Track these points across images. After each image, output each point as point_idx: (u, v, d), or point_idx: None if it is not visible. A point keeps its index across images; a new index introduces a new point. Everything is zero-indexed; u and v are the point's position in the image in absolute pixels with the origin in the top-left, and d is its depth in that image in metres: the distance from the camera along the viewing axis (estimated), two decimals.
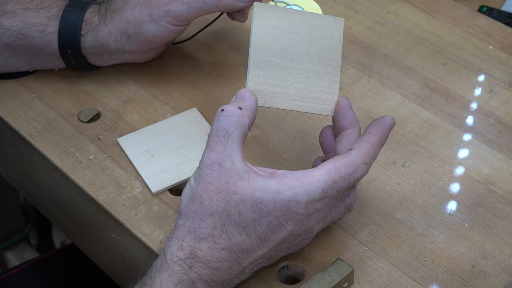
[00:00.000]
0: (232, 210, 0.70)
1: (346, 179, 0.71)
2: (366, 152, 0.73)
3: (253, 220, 0.70)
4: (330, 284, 0.73)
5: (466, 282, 0.75)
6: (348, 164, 0.72)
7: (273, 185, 0.70)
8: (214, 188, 0.70)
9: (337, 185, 0.71)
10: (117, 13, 0.90)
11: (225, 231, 0.70)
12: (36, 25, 0.91)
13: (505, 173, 0.85)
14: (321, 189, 0.70)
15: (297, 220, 0.71)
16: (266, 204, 0.70)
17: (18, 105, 0.94)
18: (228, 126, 0.71)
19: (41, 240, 1.50)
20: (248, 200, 0.70)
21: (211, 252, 0.70)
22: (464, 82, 0.95)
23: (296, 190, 0.70)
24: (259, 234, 0.70)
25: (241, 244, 0.70)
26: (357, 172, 0.72)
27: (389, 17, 1.04)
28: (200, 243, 0.70)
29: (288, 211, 0.70)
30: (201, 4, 0.87)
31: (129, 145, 0.88)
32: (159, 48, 0.95)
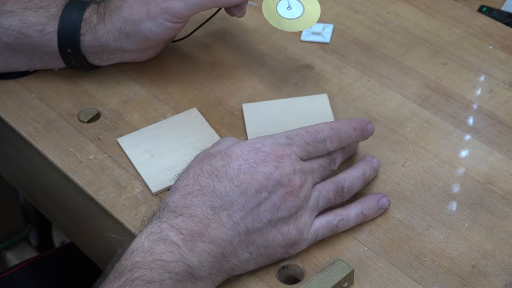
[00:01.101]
0: (204, 165, 0.74)
1: (311, 132, 0.76)
2: (334, 122, 0.79)
3: (222, 165, 0.73)
4: (330, 284, 0.73)
5: (466, 282, 0.75)
6: (313, 125, 0.77)
7: (243, 140, 0.76)
8: (196, 157, 0.77)
9: (303, 136, 0.76)
10: (115, 12, 0.90)
11: (197, 180, 0.73)
12: (35, 24, 0.91)
13: (505, 173, 0.85)
14: (285, 135, 0.76)
15: (266, 161, 0.73)
16: (234, 151, 0.74)
17: (18, 105, 0.93)
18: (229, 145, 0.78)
19: (41, 240, 1.50)
20: (219, 153, 0.74)
21: (182, 200, 0.71)
22: (464, 82, 0.95)
23: (260, 137, 0.76)
24: (230, 177, 0.72)
25: (213, 188, 0.72)
26: (323, 131, 0.77)
27: (389, 17, 1.04)
28: (172, 195, 0.73)
29: (255, 152, 0.73)
30: (198, 0, 0.87)
31: (129, 145, 0.88)
32: (158, 46, 0.95)
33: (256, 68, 0.97)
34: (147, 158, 0.86)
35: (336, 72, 0.96)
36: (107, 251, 0.89)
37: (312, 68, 0.97)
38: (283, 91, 0.94)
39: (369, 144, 0.88)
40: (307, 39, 1.00)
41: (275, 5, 0.90)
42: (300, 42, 1.00)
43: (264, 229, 0.73)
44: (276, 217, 0.74)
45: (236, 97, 0.94)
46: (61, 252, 1.19)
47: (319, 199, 0.77)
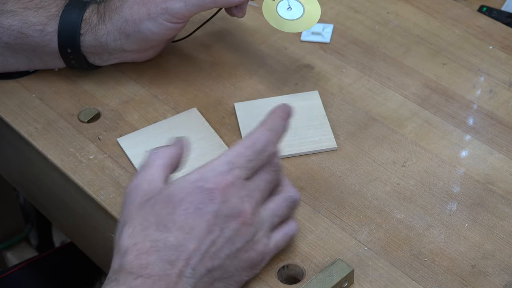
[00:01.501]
0: (147, 214, 0.69)
1: (250, 146, 0.72)
2: (265, 122, 0.74)
3: (168, 213, 0.69)
4: (330, 284, 0.73)
5: (466, 282, 0.75)
6: (248, 136, 0.73)
7: (181, 177, 0.71)
8: (132, 205, 0.71)
9: (243, 154, 0.71)
10: (115, 12, 0.90)
11: (146, 235, 0.68)
12: (35, 24, 0.91)
13: (505, 173, 0.85)
14: (225, 161, 0.71)
15: (213, 198, 0.69)
16: (175, 194, 0.69)
17: (18, 105, 0.93)
18: (147, 161, 0.73)
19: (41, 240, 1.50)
20: (159, 198, 0.70)
21: (137, 260, 0.67)
22: (464, 82, 0.95)
23: (201, 170, 0.70)
24: (180, 225, 0.68)
25: (166, 241, 0.68)
26: (260, 138, 0.72)
27: (389, 17, 1.04)
28: (125, 256, 0.68)
29: (199, 191, 0.69)
30: (198, 1, 0.87)
31: (129, 145, 0.88)
32: (158, 46, 0.95)
33: (256, 68, 0.97)
34: None
35: (336, 72, 0.96)
36: (107, 251, 0.89)
37: (312, 68, 0.97)
38: (283, 91, 0.94)
39: (369, 144, 0.88)
40: (307, 39, 1.00)
41: (275, 6, 0.90)
42: (300, 42, 1.00)
43: (225, 264, 0.71)
44: (233, 250, 0.71)
45: (236, 97, 0.94)
46: (61, 252, 1.19)
47: (273, 218, 0.74)
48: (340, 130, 0.90)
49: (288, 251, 0.78)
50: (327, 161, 0.86)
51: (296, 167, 0.86)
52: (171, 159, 0.73)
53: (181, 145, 0.75)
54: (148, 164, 0.73)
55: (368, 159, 0.87)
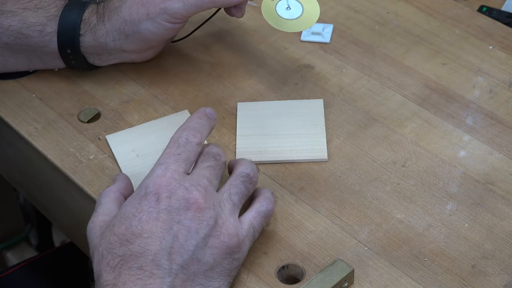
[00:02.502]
0: (110, 237, 0.72)
1: (173, 144, 0.75)
2: (182, 125, 0.78)
3: (126, 228, 0.71)
4: (330, 284, 0.73)
5: (466, 282, 0.75)
6: (171, 139, 0.76)
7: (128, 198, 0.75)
8: (95, 238, 0.74)
9: (169, 152, 0.75)
10: (114, 12, 0.90)
11: (113, 253, 0.71)
12: (35, 24, 0.91)
13: (505, 173, 0.85)
14: (157, 164, 0.74)
15: (158, 198, 0.72)
16: (127, 210, 0.72)
17: (18, 105, 0.93)
18: (99, 200, 0.77)
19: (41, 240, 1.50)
20: (116, 221, 0.72)
21: (112, 274, 0.70)
22: (464, 82, 0.95)
23: (142, 183, 0.74)
24: (138, 234, 0.71)
25: (129, 252, 0.70)
26: (180, 134, 0.76)
27: (389, 17, 1.04)
28: (100, 277, 0.71)
29: (144, 199, 0.72)
30: (197, 1, 0.87)
31: (116, 143, 0.88)
32: (158, 46, 0.95)
33: (256, 68, 0.97)
34: (132, 157, 0.86)
35: (336, 72, 0.96)
36: None
37: (312, 68, 0.97)
38: (283, 91, 0.94)
39: (369, 144, 0.88)
40: (307, 39, 1.00)
41: (275, 5, 0.90)
42: (300, 42, 1.00)
43: (197, 255, 0.71)
44: (200, 238, 0.71)
45: (236, 97, 0.94)
46: (61, 252, 1.19)
47: (231, 197, 0.75)
48: (340, 130, 0.90)
49: (288, 251, 0.78)
50: (327, 161, 0.86)
51: (296, 167, 0.86)
52: (120, 191, 0.78)
53: (124, 178, 0.80)
54: (101, 202, 0.77)
55: (368, 159, 0.87)
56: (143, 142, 0.87)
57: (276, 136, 0.88)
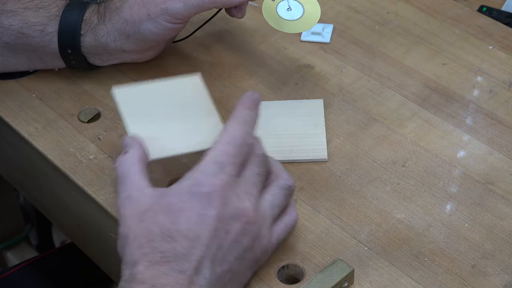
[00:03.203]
0: (150, 225, 0.69)
1: (230, 142, 0.71)
2: (235, 115, 0.74)
3: (171, 223, 0.69)
4: (330, 284, 0.73)
5: (466, 282, 0.75)
6: (225, 132, 0.73)
7: (174, 187, 0.71)
8: (128, 219, 0.71)
9: (227, 150, 0.71)
10: (115, 12, 0.90)
11: (154, 247, 0.68)
12: (35, 24, 0.91)
13: (505, 173, 0.85)
14: (213, 161, 0.70)
15: (212, 202, 0.69)
16: (174, 203, 0.69)
17: (18, 105, 0.94)
18: (123, 169, 0.73)
19: (41, 240, 1.50)
20: (159, 209, 0.69)
21: (149, 271, 0.68)
22: (464, 82, 0.95)
23: (192, 176, 0.70)
24: (185, 234, 0.68)
25: (174, 251, 0.68)
26: (237, 133, 0.72)
27: (389, 17, 1.04)
28: (136, 267, 0.68)
29: (197, 197, 0.69)
30: (198, 1, 0.87)
31: (125, 99, 0.81)
32: (158, 47, 0.95)
33: (256, 68, 0.97)
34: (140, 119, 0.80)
35: (336, 72, 0.97)
36: (107, 251, 0.89)
37: (312, 68, 0.97)
38: (283, 91, 0.94)
39: (369, 144, 0.88)
40: (307, 39, 1.00)
41: (275, 6, 0.90)
42: (300, 42, 1.00)
43: (234, 267, 0.71)
44: (241, 251, 0.71)
45: (236, 97, 0.94)
46: (61, 252, 1.19)
47: (274, 209, 0.74)
48: (340, 130, 0.90)
49: (288, 251, 0.78)
50: (327, 161, 0.86)
51: (296, 167, 0.86)
52: (141, 161, 0.74)
53: (139, 145, 0.75)
54: (125, 174, 0.73)
55: (368, 159, 0.87)
56: (152, 103, 0.81)
57: (276, 136, 0.88)
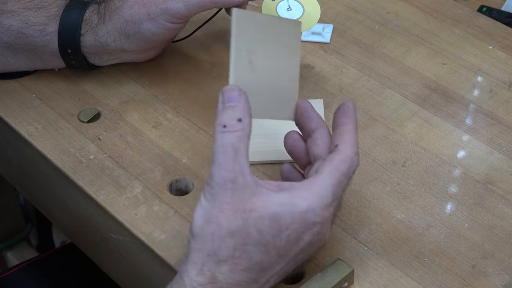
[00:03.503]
0: (251, 228, 0.68)
1: (347, 174, 0.71)
2: (352, 143, 0.72)
3: (272, 236, 0.68)
4: (330, 284, 0.73)
5: (466, 282, 0.75)
6: (344, 159, 0.71)
7: (288, 198, 0.68)
8: (230, 208, 0.67)
9: (342, 183, 0.71)
10: (115, 12, 0.90)
11: (245, 251, 0.68)
12: (35, 24, 0.91)
13: (505, 173, 0.85)
14: (331, 192, 0.70)
15: (313, 230, 0.70)
16: (284, 218, 0.68)
17: (18, 105, 0.94)
18: (234, 142, 0.68)
19: (41, 240, 1.50)
20: (266, 216, 0.68)
21: (232, 275, 0.68)
22: (464, 82, 0.95)
23: (310, 199, 0.69)
24: (278, 250, 0.69)
25: (261, 263, 0.68)
26: (353, 164, 0.71)
27: (389, 17, 1.04)
28: (221, 266, 0.67)
29: (306, 221, 0.69)
30: (198, 1, 0.87)
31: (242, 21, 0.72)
32: (158, 46, 0.95)
33: None
34: (245, 64, 0.73)
35: (336, 72, 0.97)
36: (107, 251, 0.89)
37: (312, 68, 0.97)
38: None
39: (369, 144, 0.88)
40: (307, 39, 1.00)
41: (275, 6, 0.90)
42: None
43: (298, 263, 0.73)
44: (309, 253, 0.73)
45: None
46: (61, 252, 1.19)
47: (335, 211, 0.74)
48: None
49: None
50: None
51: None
52: (248, 137, 0.70)
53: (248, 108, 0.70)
54: (235, 149, 0.68)
55: (368, 159, 0.87)
56: (260, 44, 0.73)
57: (276, 136, 0.88)
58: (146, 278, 0.85)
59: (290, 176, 0.78)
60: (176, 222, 0.81)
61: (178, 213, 0.82)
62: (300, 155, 0.78)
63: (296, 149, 0.78)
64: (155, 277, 0.83)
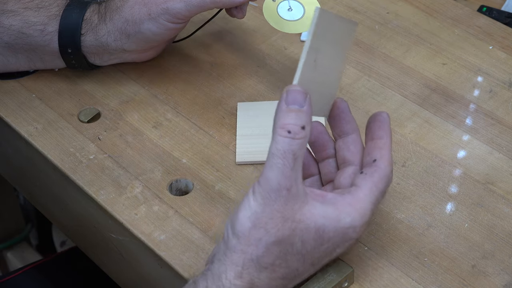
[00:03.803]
0: (296, 239, 0.67)
1: (383, 192, 0.71)
2: (389, 160, 0.72)
3: (313, 247, 0.68)
4: (330, 284, 0.73)
5: (466, 282, 0.75)
6: (383, 177, 0.71)
7: (333, 212, 0.68)
8: (280, 216, 0.67)
9: (378, 201, 0.71)
10: (116, 12, 0.90)
11: (286, 260, 0.68)
12: (36, 24, 0.91)
13: (505, 173, 0.85)
14: (370, 210, 0.70)
15: (347, 244, 0.70)
16: (328, 231, 0.68)
17: (18, 105, 0.94)
18: (295, 149, 0.66)
19: (41, 240, 1.50)
20: (312, 228, 0.67)
21: (269, 282, 0.68)
22: (464, 82, 0.95)
23: (353, 216, 0.69)
24: (313, 260, 0.69)
25: (296, 272, 0.69)
26: (389, 181, 0.72)
27: (389, 17, 1.04)
28: (261, 272, 0.67)
29: (345, 236, 0.69)
30: (199, 1, 0.87)
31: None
32: (159, 46, 0.95)
33: (256, 68, 0.97)
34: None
35: None
36: (107, 251, 0.89)
37: None
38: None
39: None
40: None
41: (276, 6, 0.90)
42: (300, 42, 1.00)
43: None
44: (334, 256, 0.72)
45: (236, 97, 0.94)
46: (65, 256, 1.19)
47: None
48: None
49: None
50: None
51: None
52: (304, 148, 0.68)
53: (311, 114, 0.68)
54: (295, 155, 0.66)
55: None
56: (325, 43, 0.72)
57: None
58: (146, 278, 0.85)
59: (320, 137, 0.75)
60: (176, 222, 0.81)
61: (178, 213, 0.82)
62: (322, 148, 0.76)
63: (319, 141, 0.76)
64: (155, 277, 0.83)
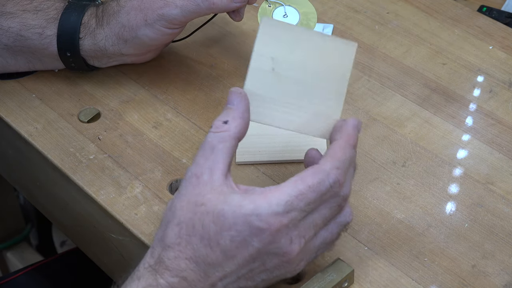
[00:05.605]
0: (196, 221, 0.68)
1: (315, 188, 0.67)
2: (334, 158, 0.69)
3: (215, 232, 0.68)
4: (330, 284, 0.73)
5: (466, 282, 0.75)
6: (316, 172, 0.68)
7: (237, 198, 0.68)
8: (186, 199, 0.69)
9: (305, 196, 0.67)
10: (113, 17, 0.90)
11: (190, 242, 0.68)
12: (34, 27, 0.91)
13: (505, 173, 0.85)
14: (285, 201, 0.67)
15: (262, 236, 0.67)
16: (227, 217, 0.67)
17: (18, 105, 0.94)
18: (213, 141, 0.70)
19: (41, 240, 1.50)
20: (211, 212, 0.68)
21: (177, 261, 0.68)
22: (464, 82, 0.95)
23: (257, 203, 0.67)
24: (222, 248, 0.68)
25: (206, 258, 0.68)
26: (328, 178, 0.68)
27: (389, 17, 1.04)
28: (167, 251, 0.69)
29: (250, 225, 0.67)
30: (195, 7, 0.87)
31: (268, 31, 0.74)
32: (157, 50, 0.95)
33: None
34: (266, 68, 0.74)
35: None
36: (107, 251, 0.89)
37: None
38: None
39: (369, 144, 0.88)
40: None
41: (271, 12, 0.90)
42: None
43: (259, 284, 0.70)
44: (271, 277, 0.70)
45: None
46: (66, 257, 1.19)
47: (322, 245, 0.71)
48: None
49: None
50: None
51: (296, 167, 0.86)
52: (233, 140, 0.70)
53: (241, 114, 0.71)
54: (212, 147, 0.69)
55: (368, 159, 0.87)
56: (289, 54, 0.73)
57: (276, 136, 0.88)
58: None
59: (311, 162, 0.74)
60: None
61: None
62: None
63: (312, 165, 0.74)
64: None
